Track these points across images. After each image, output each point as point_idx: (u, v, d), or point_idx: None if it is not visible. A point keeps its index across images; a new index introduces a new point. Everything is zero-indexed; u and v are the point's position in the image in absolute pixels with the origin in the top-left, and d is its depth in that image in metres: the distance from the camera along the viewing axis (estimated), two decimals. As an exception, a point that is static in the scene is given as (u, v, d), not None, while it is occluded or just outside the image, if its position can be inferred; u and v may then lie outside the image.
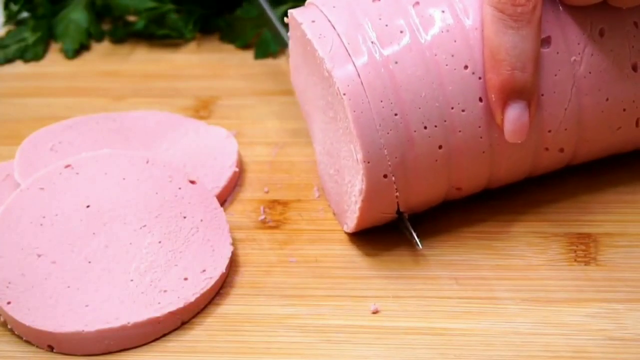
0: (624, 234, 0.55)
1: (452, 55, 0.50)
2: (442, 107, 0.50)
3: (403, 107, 0.50)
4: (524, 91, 0.50)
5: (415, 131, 0.50)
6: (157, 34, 0.78)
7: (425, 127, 0.51)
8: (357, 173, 0.51)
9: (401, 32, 0.51)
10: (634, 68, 0.53)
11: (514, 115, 0.50)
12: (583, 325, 0.49)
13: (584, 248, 0.54)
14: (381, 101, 0.50)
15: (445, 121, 0.51)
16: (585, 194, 0.58)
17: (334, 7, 0.53)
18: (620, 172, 0.59)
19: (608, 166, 0.59)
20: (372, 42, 0.51)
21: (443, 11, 0.51)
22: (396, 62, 0.50)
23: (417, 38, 0.51)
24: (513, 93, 0.49)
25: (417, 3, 0.52)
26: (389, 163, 0.50)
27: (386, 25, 0.51)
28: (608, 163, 0.58)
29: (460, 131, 0.51)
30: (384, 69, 0.50)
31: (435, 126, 0.51)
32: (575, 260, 0.53)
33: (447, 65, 0.50)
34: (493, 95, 0.50)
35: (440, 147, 0.51)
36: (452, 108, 0.51)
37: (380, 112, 0.50)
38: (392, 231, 0.56)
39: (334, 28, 0.52)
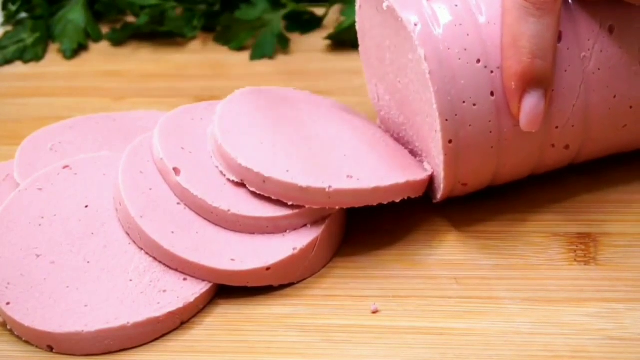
0: (624, 234, 0.55)
1: (465, 49, 0.50)
2: (454, 101, 0.50)
3: None
4: (543, 79, 0.50)
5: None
6: (159, 30, 0.78)
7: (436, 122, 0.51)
8: None
9: (415, 24, 0.51)
10: None
11: (531, 104, 0.50)
12: (583, 325, 0.49)
13: (583, 248, 0.54)
14: None
15: (456, 115, 0.51)
16: (585, 193, 0.58)
17: None
18: (620, 172, 0.59)
19: (608, 166, 0.59)
20: None
21: (456, 5, 0.51)
22: (410, 58, 0.50)
23: (432, 31, 0.51)
24: (533, 81, 0.50)
25: None
26: None
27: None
28: (608, 163, 0.58)
29: (470, 125, 0.51)
30: None
31: (446, 120, 0.51)
32: (575, 260, 0.53)
33: (460, 59, 0.50)
34: (513, 83, 0.50)
35: (450, 141, 0.51)
36: (464, 102, 0.51)
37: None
38: (392, 231, 0.56)
39: None
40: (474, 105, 0.51)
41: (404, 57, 0.53)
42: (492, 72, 0.51)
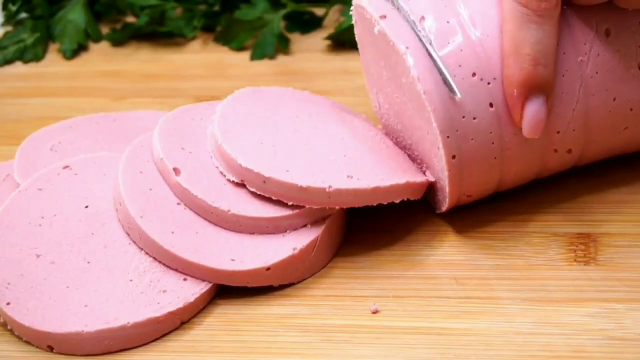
0: (624, 234, 0.55)
1: (460, 65, 0.50)
2: (454, 117, 0.50)
3: None
4: (545, 86, 0.50)
5: None
6: (159, 31, 0.78)
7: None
8: None
9: (407, 47, 0.51)
10: None
11: (533, 111, 0.50)
12: (583, 325, 0.49)
13: (583, 248, 0.54)
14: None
15: (457, 131, 0.51)
16: (585, 193, 0.58)
17: None
18: (621, 172, 0.59)
19: (608, 166, 0.59)
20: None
21: (448, 22, 0.51)
22: (404, 81, 0.50)
23: (424, 51, 0.50)
24: (535, 88, 0.50)
25: (423, 18, 0.51)
26: None
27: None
28: (608, 163, 0.58)
29: (472, 139, 0.51)
30: None
31: (448, 137, 0.51)
32: (575, 260, 0.53)
33: (455, 75, 0.50)
34: (515, 91, 0.50)
35: (453, 157, 0.51)
36: (463, 117, 0.50)
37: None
38: (392, 231, 0.56)
39: None
40: (474, 118, 0.51)
41: (399, 80, 0.53)
42: (488, 83, 0.50)
